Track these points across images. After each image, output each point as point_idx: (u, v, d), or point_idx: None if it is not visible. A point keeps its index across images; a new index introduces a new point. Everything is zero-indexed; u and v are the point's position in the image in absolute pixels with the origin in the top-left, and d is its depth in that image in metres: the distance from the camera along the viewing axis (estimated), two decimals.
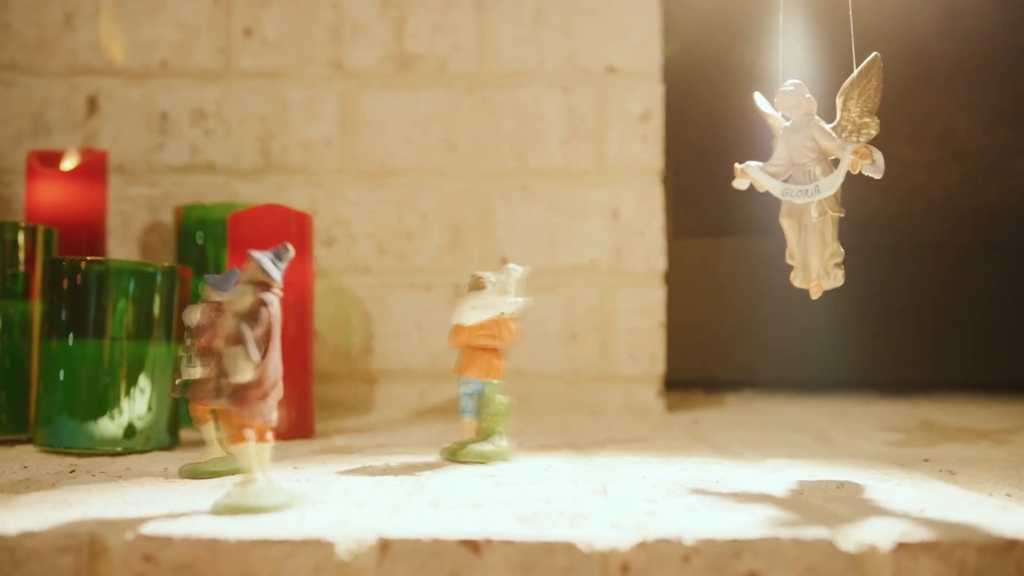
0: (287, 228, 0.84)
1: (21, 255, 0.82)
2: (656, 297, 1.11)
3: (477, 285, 0.69)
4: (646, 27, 1.13)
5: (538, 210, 1.12)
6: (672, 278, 1.19)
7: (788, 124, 0.63)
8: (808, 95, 0.61)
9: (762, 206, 0.74)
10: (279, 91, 1.11)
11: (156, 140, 1.11)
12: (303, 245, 0.85)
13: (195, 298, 0.94)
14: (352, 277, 1.11)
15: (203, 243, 0.96)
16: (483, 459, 0.69)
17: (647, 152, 1.12)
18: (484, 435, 0.70)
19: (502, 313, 0.69)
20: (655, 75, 1.12)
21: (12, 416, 0.80)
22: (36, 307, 0.82)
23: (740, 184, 0.64)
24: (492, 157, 1.12)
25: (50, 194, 0.94)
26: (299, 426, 0.83)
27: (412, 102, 1.12)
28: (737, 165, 0.64)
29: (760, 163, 0.63)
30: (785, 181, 0.63)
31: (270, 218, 0.83)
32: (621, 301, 1.11)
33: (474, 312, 0.69)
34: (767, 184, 0.63)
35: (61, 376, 0.73)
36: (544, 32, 1.13)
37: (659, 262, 1.11)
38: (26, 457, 0.71)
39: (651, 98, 1.12)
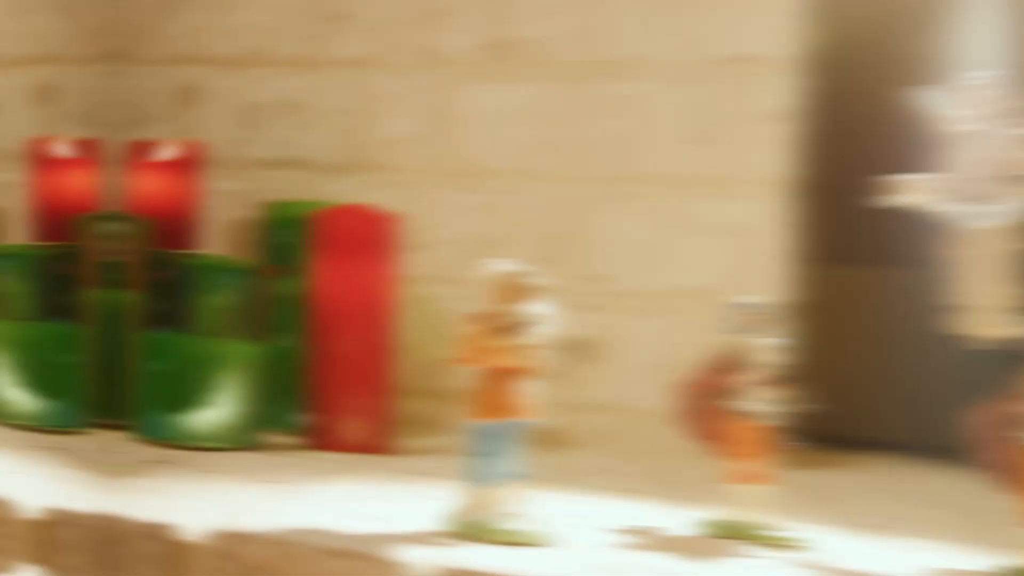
0: (373, 229, 0.85)
1: (121, 245, 0.85)
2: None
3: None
4: (784, 9, 0.95)
5: (643, 223, 0.98)
6: (799, 312, 0.95)
7: (971, 129, 0.53)
8: (1001, 92, 0.52)
9: (920, 232, 0.61)
10: (368, 81, 1.09)
11: (245, 132, 1.12)
12: (388, 248, 0.85)
13: (275, 297, 0.93)
14: (440, 287, 0.99)
15: (288, 241, 0.97)
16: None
17: (779, 160, 0.96)
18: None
19: None
20: (794, 67, 0.95)
21: (110, 403, 0.83)
22: (134, 298, 0.86)
23: (899, 201, 0.56)
24: (595, 160, 1.00)
25: (147, 185, 0.97)
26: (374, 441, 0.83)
27: (508, 95, 1.02)
28: (897, 178, 0.56)
29: (929, 176, 0.55)
30: (961, 200, 0.54)
31: (355, 218, 0.84)
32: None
33: None
34: (937, 203, 0.55)
35: (157, 368, 0.76)
36: (661, 15, 0.98)
37: (786, 293, 0.93)
38: (122, 445, 0.75)
39: (788, 94, 0.95)
